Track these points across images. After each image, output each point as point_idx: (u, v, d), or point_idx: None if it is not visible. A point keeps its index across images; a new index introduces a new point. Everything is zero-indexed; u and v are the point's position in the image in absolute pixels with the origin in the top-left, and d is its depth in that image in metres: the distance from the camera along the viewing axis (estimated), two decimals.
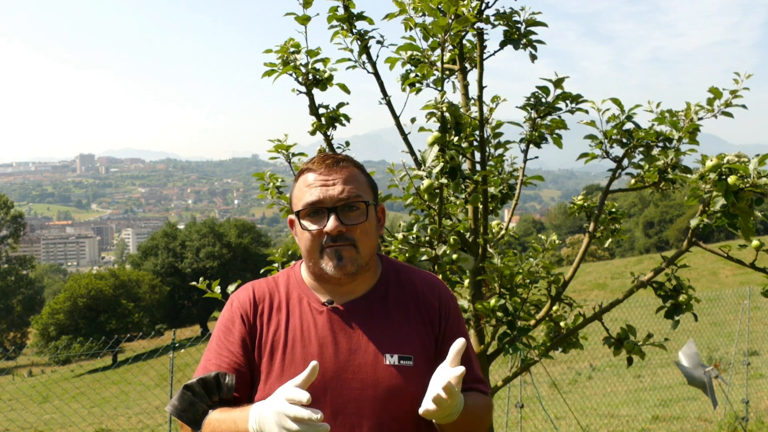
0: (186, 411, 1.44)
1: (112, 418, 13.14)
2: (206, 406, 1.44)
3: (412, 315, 1.55)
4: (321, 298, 1.53)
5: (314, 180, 1.50)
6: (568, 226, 51.88)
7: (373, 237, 1.53)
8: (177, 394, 1.46)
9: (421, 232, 2.79)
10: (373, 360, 1.47)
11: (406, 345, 1.49)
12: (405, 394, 1.46)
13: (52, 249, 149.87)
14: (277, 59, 2.84)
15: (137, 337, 23.19)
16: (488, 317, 2.82)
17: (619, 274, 24.90)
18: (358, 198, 1.49)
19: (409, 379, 1.47)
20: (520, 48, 2.93)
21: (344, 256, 1.47)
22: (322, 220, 1.48)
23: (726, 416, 7.16)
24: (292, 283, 1.57)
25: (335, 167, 1.51)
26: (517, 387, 6.85)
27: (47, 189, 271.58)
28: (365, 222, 1.50)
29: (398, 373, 1.46)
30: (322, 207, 1.48)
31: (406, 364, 1.48)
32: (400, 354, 1.48)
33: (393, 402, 1.45)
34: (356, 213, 1.50)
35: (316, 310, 1.52)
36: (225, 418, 1.41)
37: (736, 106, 2.78)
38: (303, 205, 1.50)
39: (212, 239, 39.32)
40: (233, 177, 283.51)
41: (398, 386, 1.46)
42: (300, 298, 1.54)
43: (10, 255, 48.23)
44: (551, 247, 3.29)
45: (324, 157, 1.54)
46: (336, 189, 1.48)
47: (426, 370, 1.48)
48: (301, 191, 1.52)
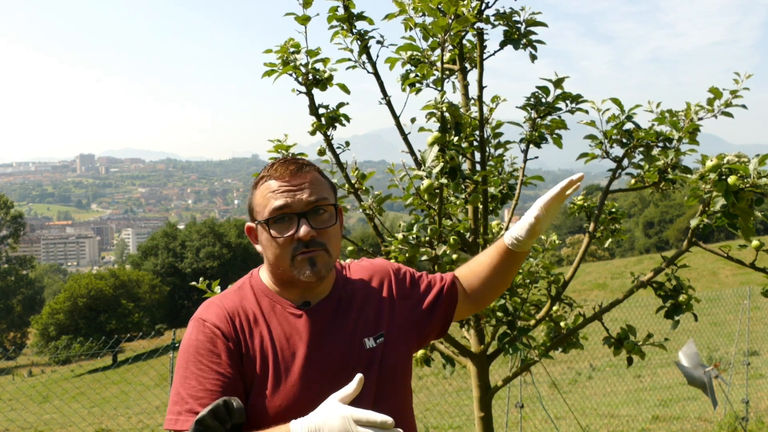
0: None
1: (112, 418, 13.13)
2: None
3: (372, 295, 1.60)
4: (293, 302, 1.52)
5: (279, 186, 1.47)
6: (568, 226, 51.87)
7: (339, 238, 1.56)
8: (190, 430, 1.36)
9: (421, 232, 2.79)
10: (357, 350, 1.50)
11: (376, 324, 1.55)
12: (388, 370, 1.52)
13: (52, 249, 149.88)
14: (277, 59, 2.84)
15: (137, 337, 23.20)
16: (488, 317, 2.82)
17: (619, 274, 24.91)
18: (326, 201, 1.49)
19: (390, 354, 1.53)
20: (520, 48, 2.93)
21: (318, 263, 1.46)
22: (290, 227, 1.45)
23: (726, 416, 7.16)
24: (257, 292, 1.54)
25: (299, 173, 1.48)
26: (517, 387, 6.85)
27: (47, 189, 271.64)
28: (334, 225, 1.50)
29: (380, 352, 1.52)
30: (290, 212, 1.45)
31: (382, 340, 1.54)
32: (374, 335, 1.53)
33: (382, 382, 1.50)
34: (325, 216, 1.49)
35: (294, 315, 1.50)
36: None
37: (736, 106, 2.78)
38: (270, 212, 1.45)
39: (212, 239, 39.34)
40: (233, 177, 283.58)
41: (385, 364, 1.51)
42: (272, 305, 1.52)
43: (10, 255, 48.23)
44: (551, 247, 3.29)
45: (285, 162, 1.50)
46: (304, 194, 1.46)
47: (400, 334, 1.58)
48: (264, 198, 1.48)
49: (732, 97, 2.76)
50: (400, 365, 1.57)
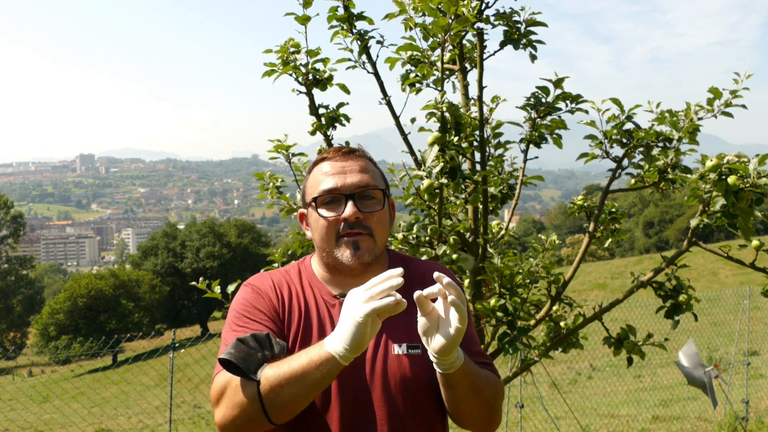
0: (244, 359, 1.33)
1: (112, 418, 13.14)
2: (261, 358, 1.35)
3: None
4: (332, 291, 1.54)
5: (330, 168, 1.51)
6: (568, 226, 51.89)
7: (387, 227, 1.54)
8: (231, 344, 1.35)
9: (421, 232, 2.79)
10: (383, 350, 1.48)
11: (414, 334, 1.44)
12: (414, 382, 1.46)
13: (52, 249, 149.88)
14: (277, 59, 2.84)
15: (137, 337, 23.19)
16: (488, 317, 2.82)
17: (619, 274, 24.92)
18: (375, 186, 1.51)
19: (418, 367, 1.47)
20: (520, 48, 2.93)
21: (361, 246, 1.47)
22: (338, 208, 1.48)
23: (726, 416, 7.16)
24: (304, 275, 1.58)
25: (351, 156, 1.53)
26: (517, 387, 6.85)
27: (47, 189, 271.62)
28: (381, 210, 1.51)
29: (407, 362, 1.47)
30: (339, 194, 1.48)
31: (414, 352, 1.48)
32: (408, 343, 1.48)
33: (404, 390, 1.46)
34: (372, 201, 1.50)
35: (329, 303, 1.52)
36: (290, 358, 1.32)
37: (736, 106, 2.78)
38: (320, 192, 1.49)
39: (212, 239, 39.32)
40: (233, 177, 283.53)
41: (407, 375, 1.46)
42: (312, 290, 1.54)
43: (10, 255, 48.25)
44: (551, 247, 3.29)
45: (339, 147, 1.56)
46: (353, 177, 1.50)
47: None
48: (316, 180, 1.52)
49: (732, 97, 2.76)
50: (438, 388, 1.46)
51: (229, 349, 1.35)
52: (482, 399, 1.46)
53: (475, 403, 1.45)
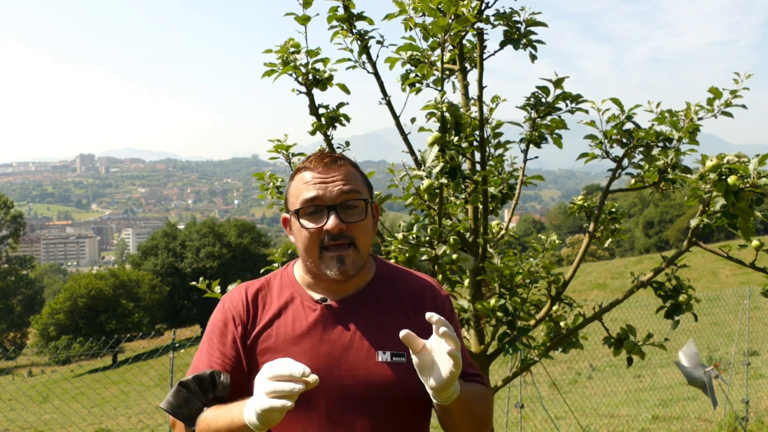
0: (181, 407, 1.42)
1: (112, 418, 13.13)
2: (201, 403, 1.42)
3: (405, 313, 1.54)
4: (314, 296, 1.53)
5: (312, 178, 1.49)
6: (568, 226, 51.88)
7: (370, 235, 1.54)
8: (172, 391, 1.45)
9: (421, 232, 2.79)
10: (366, 356, 1.46)
11: (400, 342, 1.41)
12: (398, 390, 1.45)
13: (52, 249, 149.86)
14: (277, 59, 2.84)
15: (137, 337, 23.20)
16: (488, 317, 2.82)
17: (619, 274, 24.92)
18: (358, 195, 1.49)
19: (402, 375, 1.46)
20: (520, 48, 2.93)
21: (346, 261, 1.46)
22: (321, 219, 1.47)
23: (726, 416, 7.16)
24: (284, 283, 1.57)
25: (333, 165, 1.50)
26: (517, 387, 6.84)
27: (47, 189, 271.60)
28: (364, 220, 1.50)
29: (391, 370, 1.46)
30: (321, 205, 1.47)
31: (399, 360, 1.47)
32: (392, 351, 1.47)
33: (386, 398, 1.45)
34: (355, 211, 1.49)
35: (309, 308, 1.51)
36: (221, 412, 1.38)
37: (736, 106, 2.78)
38: (302, 203, 1.48)
39: (212, 239, 39.32)
40: (233, 177, 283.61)
41: (391, 382, 1.45)
42: (292, 296, 1.54)
43: (10, 255, 48.24)
44: (551, 247, 3.29)
45: (321, 155, 1.53)
46: (335, 187, 1.48)
47: None
48: (298, 189, 1.50)
49: (732, 97, 2.76)
50: (420, 397, 1.45)
51: (168, 396, 1.44)
52: (476, 418, 1.49)
53: (469, 422, 1.48)
